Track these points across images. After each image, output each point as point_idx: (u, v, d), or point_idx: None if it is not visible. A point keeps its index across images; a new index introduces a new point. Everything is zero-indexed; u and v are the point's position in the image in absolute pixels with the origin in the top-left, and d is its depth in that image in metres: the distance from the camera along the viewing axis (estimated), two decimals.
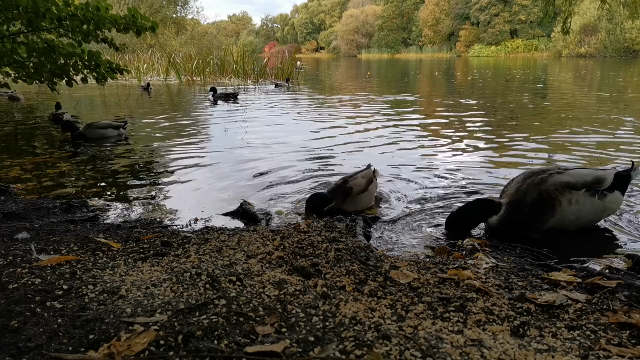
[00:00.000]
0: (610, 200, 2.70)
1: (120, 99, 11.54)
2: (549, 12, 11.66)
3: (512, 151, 5.09)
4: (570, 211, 2.63)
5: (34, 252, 1.96)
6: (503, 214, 2.65)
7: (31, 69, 5.90)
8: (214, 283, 1.60)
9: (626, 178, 2.77)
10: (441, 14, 76.86)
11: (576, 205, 2.63)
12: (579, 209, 2.64)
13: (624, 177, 2.76)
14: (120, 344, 1.17)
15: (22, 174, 4.20)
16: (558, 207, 2.61)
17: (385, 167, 4.44)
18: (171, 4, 36.99)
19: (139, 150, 5.46)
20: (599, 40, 49.46)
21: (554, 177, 2.66)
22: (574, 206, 2.63)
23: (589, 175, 2.71)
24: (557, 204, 2.60)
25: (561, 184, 2.63)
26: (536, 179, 2.67)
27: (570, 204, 2.62)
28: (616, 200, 2.74)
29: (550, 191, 2.62)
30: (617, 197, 2.74)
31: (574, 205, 2.62)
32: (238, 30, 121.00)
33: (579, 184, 2.65)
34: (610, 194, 2.70)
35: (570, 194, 2.62)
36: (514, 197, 2.68)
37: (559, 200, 2.60)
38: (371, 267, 1.88)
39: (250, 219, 2.97)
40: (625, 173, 2.78)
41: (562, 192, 2.61)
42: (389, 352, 1.16)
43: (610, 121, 7.09)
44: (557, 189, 2.62)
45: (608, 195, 2.69)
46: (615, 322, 1.43)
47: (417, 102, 10.44)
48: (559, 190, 2.62)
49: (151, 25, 5.55)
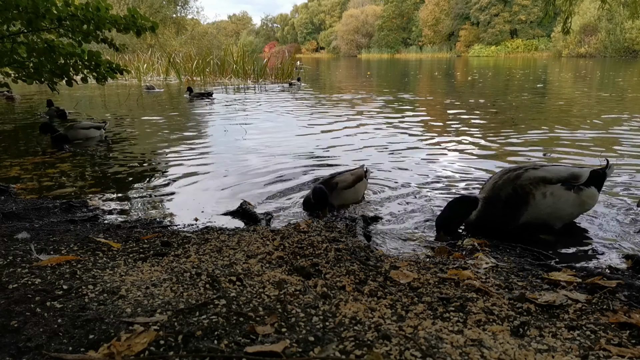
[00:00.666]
0: (587, 195, 2.76)
1: (120, 99, 11.54)
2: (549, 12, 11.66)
3: (512, 151, 5.09)
4: (545, 204, 2.68)
5: (34, 252, 1.96)
6: (480, 209, 2.72)
7: (31, 69, 5.90)
8: (214, 283, 1.60)
9: (601, 176, 2.84)
10: (441, 14, 76.83)
11: (551, 197, 2.68)
12: (554, 202, 2.69)
13: (600, 175, 2.83)
14: (120, 344, 1.17)
15: (22, 174, 4.20)
16: (532, 200, 2.67)
17: (385, 167, 4.44)
18: (171, 4, 37.00)
19: (139, 150, 5.46)
20: (599, 40, 49.43)
21: (529, 172, 2.74)
22: (549, 199, 2.68)
23: (565, 171, 2.79)
24: (530, 197, 2.67)
25: (536, 178, 2.70)
26: (512, 174, 2.75)
27: (544, 197, 2.67)
28: (592, 196, 2.80)
29: (525, 185, 2.68)
30: (593, 193, 2.80)
31: (549, 198, 2.68)
32: (238, 30, 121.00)
33: (554, 178, 2.72)
34: (586, 189, 2.76)
35: (544, 188, 2.68)
36: (490, 193, 2.75)
37: (532, 193, 2.67)
38: (371, 267, 1.88)
39: (250, 219, 2.97)
40: (601, 171, 2.85)
41: (536, 186, 2.68)
42: (389, 352, 1.16)
43: (609, 121, 7.09)
44: (532, 182, 2.69)
45: (584, 190, 2.75)
46: (615, 322, 1.43)
47: (416, 102, 10.44)
48: (533, 184, 2.68)
49: (151, 25, 5.55)
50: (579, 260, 2.32)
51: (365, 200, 3.43)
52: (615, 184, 3.67)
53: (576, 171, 2.80)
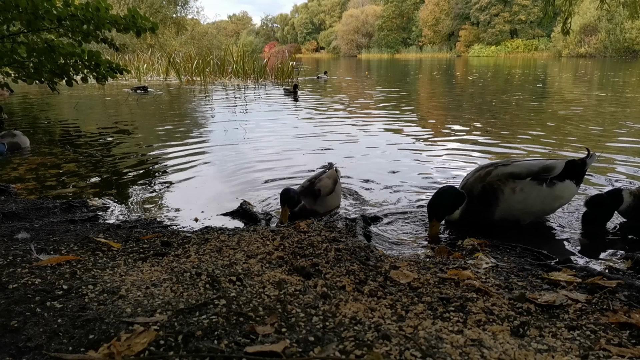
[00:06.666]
0: (560, 189, 2.69)
1: (120, 99, 11.54)
2: (548, 12, 11.65)
3: (512, 151, 5.09)
4: (515, 200, 2.66)
5: (34, 252, 1.96)
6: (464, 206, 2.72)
7: (31, 68, 5.91)
8: (214, 283, 1.60)
9: (580, 166, 2.74)
10: (441, 14, 76.82)
11: (521, 193, 2.65)
12: (524, 198, 2.66)
13: (577, 165, 2.73)
14: (120, 344, 1.17)
15: (22, 174, 4.20)
16: (501, 195, 2.65)
17: (384, 167, 4.44)
18: (171, 4, 36.99)
19: (139, 150, 5.45)
20: (599, 40, 49.42)
21: (498, 168, 2.72)
22: (519, 195, 2.65)
23: (536, 165, 2.73)
24: (499, 193, 2.65)
25: (504, 174, 2.68)
26: (482, 172, 2.74)
27: (513, 192, 2.65)
28: (567, 189, 2.72)
29: (493, 182, 2.67)
30: (567, 186, 2.71)
31: (519, 193, 2.65)
32: (238, 30, 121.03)
33: (523, 173, 2.68)
34: (560, 183, 2.69)
35: (513, 183, 2.65)
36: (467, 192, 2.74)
37: (501, 189, 2.65)
38: (371, 267, 1.88)
39: (250, 219, 2.97)
40: (580, 161, 2.76)
41: (504, 182, 2.66)
42: (389, 352, 1.16)
43: (609, 121, 7.09)
44: (500, 179, 2.67)
45: (557, 184, 2.68)
46: (615, 322, 1.43)
47: (416, 102, 10.44)
48: (501, 180, 2.67)
49: (151, 25, 5.55)
50: (579, 261, 2.32)
51: (365, 201, 3.43)
52: (618, 181, 3.67)
53: (549, 163, 2.72)
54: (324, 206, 3.13)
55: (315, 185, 3.12)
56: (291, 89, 11.67)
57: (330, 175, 3.25)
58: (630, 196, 2.66)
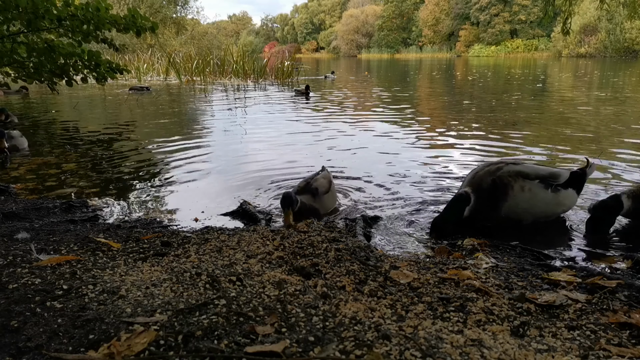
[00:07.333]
0: (564, 196, 2.79)
1: (120, 99, 11.53)
2: (548, 12, 11.65)
3: (511, 151, 5.09)
4: (522, 198, 2.71)
5: (34, 252, 1.96)
6: (472, 203, 2.72)
7: (31, 68, 5.91)
8: (214, 283, 1.60)
9: (581, 176, 2.86)
10: (441, 14, 76.86)
11: (529, 193, 2.71)
12: (531, 198, 2.72)
13: (579, 176, 2.85)
14: (120, 344, 1.17)
15: (22, 174, 4.20)
16: (510, 191, 2.70)
17: (384, 167, 4.44)
18: (171, 4, 36.97)
19: (139, 150, 5.45)
20: (599, 40, 49.44)
21: (509, 165, 2.78)
22: (527, 194, 2.71)
23: (544, 170, 2.82)
24: (509, 189, 2.69)
25: (515, 171, 2.74)
26: (492, 167, 2.79)
27: (522, 190, 2.70)
28: (570, 197, 2.83)
29: (504, 177, 2.71)
30: (570, 195, 2.83)
31: (527, 192, 2.71)
32: (238, 30, 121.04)
33: (532, 175, 2.75)
34: (564, 190, 2.79)
35: (523, 182, 2.71)
36: (473, 185, 2.75)
37: (511, 185, 2.70)
38: (371, 267, 1.88)
39: (250, 219, 2.97)
40: (580, 171, 2.87)
41: (515, 179, 2.71)
42: (389, 352, 1.16)
43: (608, 121, 7.08)
44: (511, 175, 2.72)
45: (562, 190, 2.78)
46: (615, 322, 1.43)
47: (416, 102, 10.44)
48: (512, 176, 2.71)
49: (151, 25, 5.55)
50: (579, 261, 2.32)
51: (365, 201, 3.43)
52: (619, 183, 3.67)
53: (556, 171, 2.83)
54: (322, 204, 3.14)
55: (311, 184, 3.14)
56: (303, 90, 11.66)
57: (325, 176, 3.29)
58: (628, 199, 2.71)
